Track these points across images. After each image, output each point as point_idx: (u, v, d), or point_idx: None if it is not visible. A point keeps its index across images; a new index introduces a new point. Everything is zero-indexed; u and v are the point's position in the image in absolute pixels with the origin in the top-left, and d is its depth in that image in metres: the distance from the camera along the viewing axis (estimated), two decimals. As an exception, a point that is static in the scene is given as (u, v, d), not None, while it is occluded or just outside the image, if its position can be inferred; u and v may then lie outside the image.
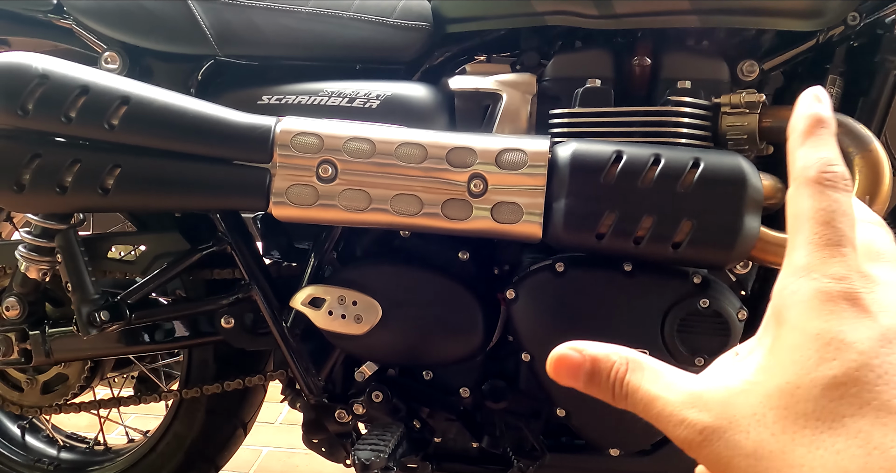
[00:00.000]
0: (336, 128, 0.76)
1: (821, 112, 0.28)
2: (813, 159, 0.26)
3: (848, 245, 0.25)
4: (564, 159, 0.72)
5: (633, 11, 0.79)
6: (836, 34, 0.81)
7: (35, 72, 0.75)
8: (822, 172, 0.26)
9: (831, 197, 0.26)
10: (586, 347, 0.27)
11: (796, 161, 0.27)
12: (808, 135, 0.27)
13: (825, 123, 0.27)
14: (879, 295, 0.24)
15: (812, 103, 0.28)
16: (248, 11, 0.89)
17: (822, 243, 0.25)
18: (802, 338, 0.24)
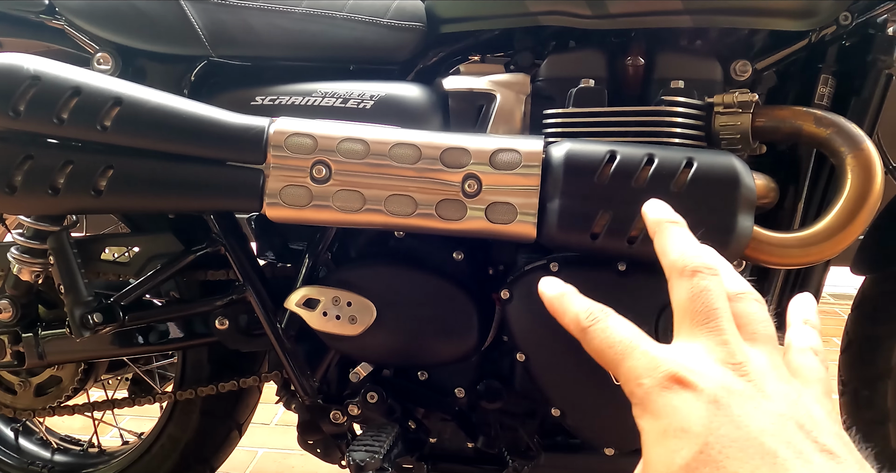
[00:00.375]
0: (330, 128, 0.76)
1: (555, 289, 0.36)
2: (573, 316, 0.34)
3: (638, 344, 0.30)
4: (558, 159, 0.72)
5: (627, 11, 0.79)
6: (828, 34, 0.81)
7: (27, 73, 0.74)
8: (584, 320, 0.33)
9: (600, 328, 0.32)
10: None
11: (568, 327, 0.34)
12: (558, 306, 0.35)
13: (563, 293, 0.35)
14: (690, 365, 0.28)
15: (657, 209, 0.36)
16: (242, 12, 0.89)
17: (622, 359, 0.31)
18: (655, 437, 0.28)
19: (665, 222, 0.35)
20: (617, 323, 0.32)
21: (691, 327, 0.31)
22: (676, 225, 0.35)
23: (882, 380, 0.95)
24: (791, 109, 0.77)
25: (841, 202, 0.72)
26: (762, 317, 0.32)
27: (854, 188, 0.72)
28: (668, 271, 0.33)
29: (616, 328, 0.32)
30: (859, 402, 0.98)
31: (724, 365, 0.29)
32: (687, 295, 0.31)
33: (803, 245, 0.72)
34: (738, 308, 0.32)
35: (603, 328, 0.32)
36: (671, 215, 0.36)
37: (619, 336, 0.31)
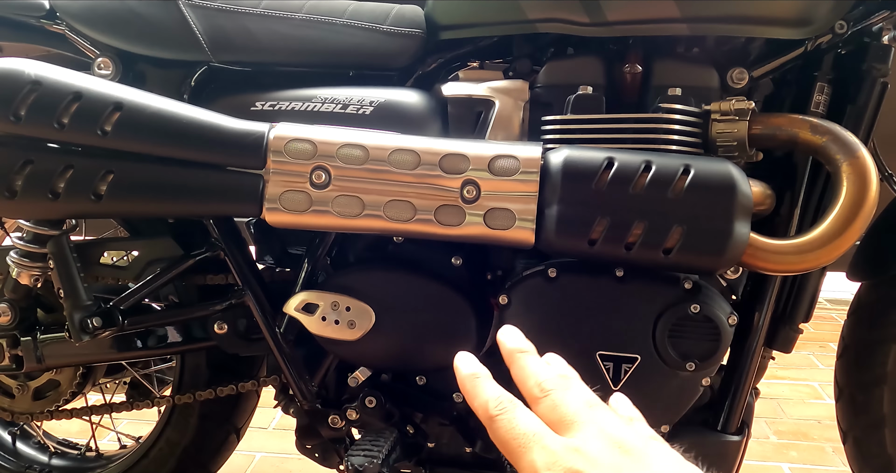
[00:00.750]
0: (329, 134, 0.76)
1: (471, 368, 0.39)
2: (482, 403, 0.37)
3: (539, 437, 0.33)
4: (556, 166, 0.72)
5: (625, 19, 0.80)
6: (824, 42, 0.82)
7: (27, 78, 0.75)
8: (494, 407, 0.36)
9: (509, 418, 0.35)
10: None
11: (477, 412, 0.37)
12: (472, 388, 0.38)
13: (478, 375, 0.39)
14: (583, 456, 0.32)
15: (462, 363, 0.40)
16: (242, 17, 0.89)
17: (524, 451, 0.33)
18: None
19: (516, 352, 0.41)
20: (522, 415, 0.35)
21: (567, 429, 0.35)
22: (528, 354, 0.40)
23: (878, 385, 0.95)
24: (787, 117, 0.78)
25: (837, 209, 0.73)
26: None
27: (849, 196, 0.72)
28: (529, 399, 0.38)
29: (521, 420, 0.35)
30: (855, 407, 0.98)
31: (611, 447, 0.33)
32: (549, 409, 0.36)
33: (799, 252, 0.73)
34: (596, 410, 0.37)
35: (509, 418, 0.35)
36: (522, 343, 0.41)
37: (523, 429, 0.34)
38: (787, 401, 1.80)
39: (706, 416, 0.89)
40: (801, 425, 1.68)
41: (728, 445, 0.87)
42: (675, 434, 0.84)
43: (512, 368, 0.40)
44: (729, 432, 0.88)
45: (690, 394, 0.80)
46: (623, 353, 0.77)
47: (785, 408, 1.76)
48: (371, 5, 0.92)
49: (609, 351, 0.77)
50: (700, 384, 0.80)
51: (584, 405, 0.36)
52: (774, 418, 1.71)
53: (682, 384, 0.79)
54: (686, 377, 0.78)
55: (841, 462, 1.47)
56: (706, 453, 0.86)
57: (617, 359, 0.77)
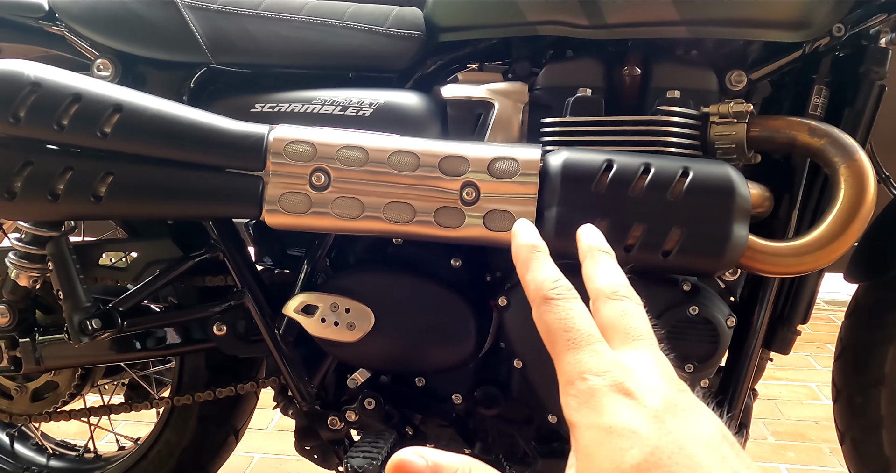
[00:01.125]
0: (329, 136, 0.76)
1: (532, 240, 0.35)
2: (540, 280, 0.32)
3: (595, 341, 0.30)
4: (556, 168, 0.73)
5: (624, 22, 0.80)
6: (821, 45, 0.82)
7: (27, 79, 0.75)
8: (552, 289, 0.32)
9: (565, 307, 0.31)
10: (429, 454, 0.29)
11: (528, 286, 0.33)
12: (528, 261, 0.34)
13: (538, 248, 0.34)
14: (637, 378, 0.29)
15: (522, 233, 0.36)
16: (241, 19, 0.90)
17: (573, 348, 0.29)
18: (599, 435, 0.27)
19: (598, 249, 0.37)
20: (582, 311, 0.31)
21: (625, 341, 0.31)
22: (610, 256, 0.36)
23: (875, 387, 0.95)
24: (785, 120, 0.78)
25: (834, 212, 0.73)
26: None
27: (847, 198, 0.73)
28: (595, 295, 0.34)
29: (579, 315, 0.31)
30: (853, 409, 0.99)
31: (666, 381, 0.29)
32: (617, 314, 0.32)
33: (797, 254, 0.73)
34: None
35: (567, 307, 0.31)
36: (605, 245, 0.37)
37: (580, 325, 0.31)
38: (784, 402, 1.80)
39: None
40: (799, 426, 1.68)
41: (726, 446, 0.87)
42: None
43: (587, 262, 0.36)
44: (727, 433, 0.88)
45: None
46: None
47: (783, 409, 1.76)
48: (371, 7, 0.92)
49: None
50: (699, 386, 0.80)
51: (650, 328, 0.32)
52: (772, 419, 1.71)
53: (681, 385, 0.79)
54: (685, 379, 0.78)
55: (838, 462, 1.47)
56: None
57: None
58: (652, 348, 0.31)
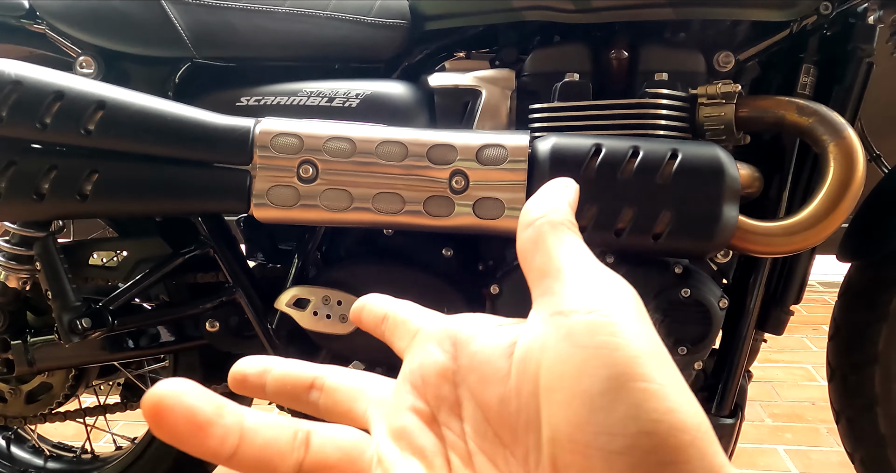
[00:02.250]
0: (316, 128, 0.75)
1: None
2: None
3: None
4: (544, 154, 0.72)
5: (609, 5, 0.80)
6: (809, 23, 0.82)
7: (8, 78, 0.74)
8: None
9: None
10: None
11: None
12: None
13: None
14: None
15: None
16: (224, 12, 0.89)
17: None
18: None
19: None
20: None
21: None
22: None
23: (869, 366, 0.96)
24: (774, 99, 0.78)
25: (824, 191, 0.73)
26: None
27: (836, 176, 0.73)
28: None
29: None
30: (848, 388, 0.99)
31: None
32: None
33: (788, 233, 0.73)
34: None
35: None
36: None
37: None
38: (781, 384, 1.81)
39: (699, 399, 0.89)
40: (796, 407, 1.69)
41: (722, 428, 0.87)
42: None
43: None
44: (722, 415, 0.88)
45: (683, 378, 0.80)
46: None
47: (779, 391, 1.77)
48: (355, -3, 0.92)
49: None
50: (693, 368, 0.80)
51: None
52: (769, 401, 1.72)
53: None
54: (678, 362, 0.78)
55: (835, 442, 1.48)
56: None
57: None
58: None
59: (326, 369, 0.30)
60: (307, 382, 0.30)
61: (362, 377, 0.30)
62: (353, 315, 0.34)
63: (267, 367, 0.30)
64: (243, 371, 0.30)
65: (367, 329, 0.33)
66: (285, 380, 0.30)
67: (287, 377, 0.30)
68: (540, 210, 0.27)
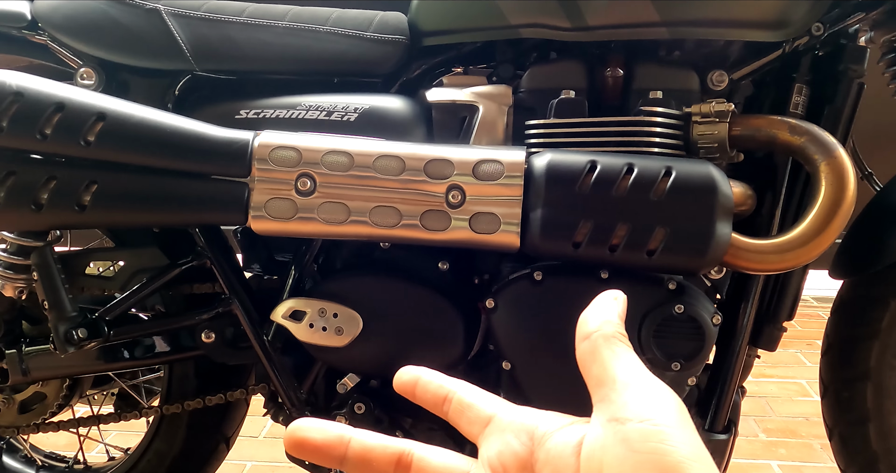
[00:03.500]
0: (314, 141, 0.76)
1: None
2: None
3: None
4: (540, 170, 0.73)
5: (605, 24, 0.81)
6: (801, 44, 0.83)
7: (9, 89, 0.74)
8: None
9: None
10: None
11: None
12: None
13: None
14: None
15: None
16: (225, 26, 0.90)
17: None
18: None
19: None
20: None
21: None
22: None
23: (861, 382, 0.96)
24: (766, 118, 0.79)
25: (816, 209, 0.74)
26: None
27: (828, 195, 0.73)
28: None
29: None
30: (840, 404, 0.99)
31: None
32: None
33: (780, 251, 0.74)
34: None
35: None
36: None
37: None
38: (775, 399, 1.81)
39: (693, 415, 0.90)
40: (790, 422, 1.69)
41: (715, 444, 0.88)
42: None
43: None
44: (716, 431, 0.88)
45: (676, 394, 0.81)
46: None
47: (773, 406, 1.77)
48: (354, 12, 0.93)
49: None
50: (686, 384, 0.80)
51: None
52: (763, 416, 1.72)
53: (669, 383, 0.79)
54: (672, 377, 0.79)
55: (829, 458, 1.48)
56: (694, 452, 0.87)
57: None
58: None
59: (411, 445, 0.32)
60: (392, 457, 0.31)
61: (447, 457, 0.32)
62: (401, 386, 0.35)
63: (343, 435, 0.31)
64: (316, 438, 0.31)
65: (423, 404, 0.35)
66: (368, 454, 0.31)
67: (370, 452, 0.31)
68: (594, 324, 0.32)
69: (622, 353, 0.30)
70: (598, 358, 0.30)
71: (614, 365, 0.30)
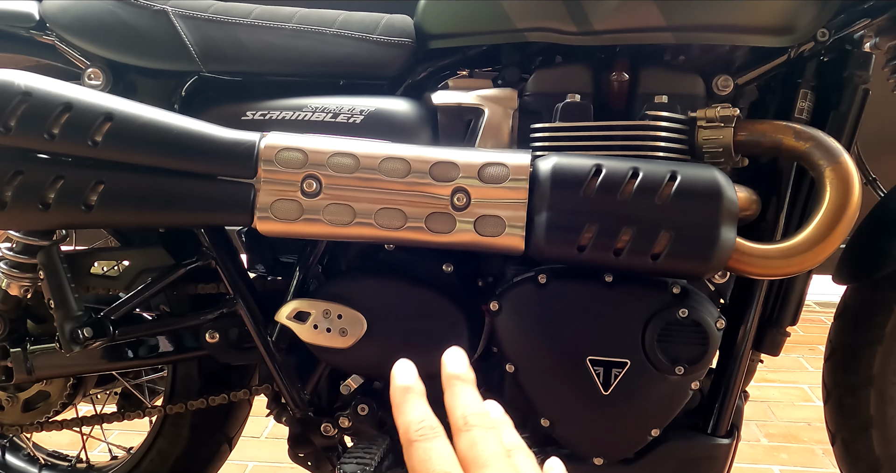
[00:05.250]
0: (320, 143, 0.76)
1: (405, 381, 0.38)
2: (406, 423, 0.36)
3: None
4: (545, 173, 0.73)
5: (611, 28, 0.81)
6: (806, 50, 0.84)
7: (17, 89, 0.75)
8: (415, 431, 0.35)
9: (426, 447, 0.34)
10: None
11: (399, 429, 0.36)
12: (400, 403, 0.37)
13: (412, 389, 0.37)
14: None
15: (398, 375, 0.39)
16: (232, 28, 0.90)
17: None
18: None
19: (454, 378, 0.39)
20: (439, 448, 0.34)
21: (475, 469, 0.34)
22: (464, 383, 0.39)
23: (864, 387, 0.96)
24: (771, 124, 0.79)
25: (820, 214, 0.74)
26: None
27: (833, 200, 0.74)
28: (453, 428, 0.37)
29: (436, 453, 0.34)
30: (843, 409, 0.99)
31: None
32: (468, 444, 0.35)
33: (784, 256, 0.74)
34: (516, 458, 0.37)
35: (426, 448, 0.34)
36: (463, 371, 0.40)
37: (436, 463, 0.34)
38: (777, 404, 1.81)
39: (696, 419, 0.90)
40: (792, 427, 1.69)
41: (718, 448, 0.88)
42: (665, 437, 0.84)
43: (446, 393, 0.39)
44: (719, 435, 0.88)
45: (680, 398, 0.81)
46: (613, 358, 0.78)
47: (775, 411, 1.77)
48: (361, 15, 0.93)
49: (599, 356, 0.78)
50: (689, 388, 0.80)
51: (502, 451, 0.35)
52: (765, 421, 1.72)
53: (672, 388, 0.80)
54: (675, 381, 0.79)
55: (831, 463, 1.48)
56: (696, 456, 0.87)
57: (607, 364, 0.78)
58: (498, 470, 0.34)
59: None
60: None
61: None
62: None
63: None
64: None
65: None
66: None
67: None
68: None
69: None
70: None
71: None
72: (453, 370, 0.40)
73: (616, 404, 0.79)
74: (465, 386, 0.39)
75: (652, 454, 0.85)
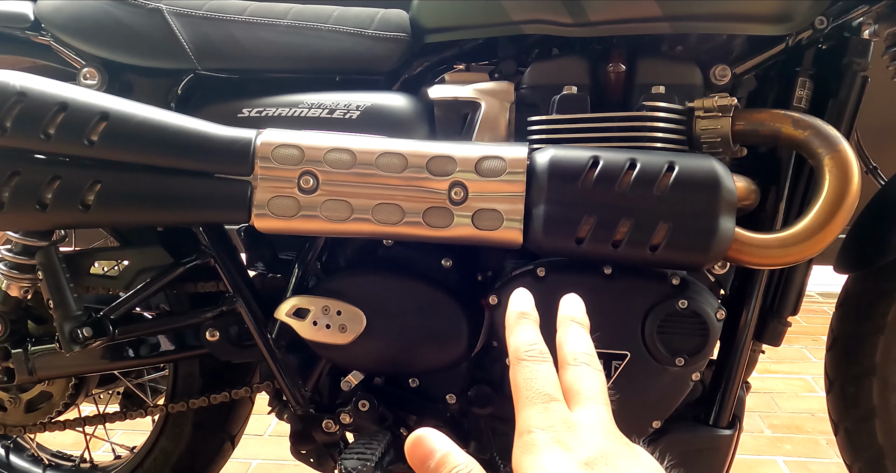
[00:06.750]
0: (316, 139, 0.76)
1: (522, 307, 0.40)
2: (518, 343, 0.37)
3: (549, 400, 0.34)
4: (542, 166, 0.73)
5: (607, 19, 0.81)
6: (804, 38, 0.83)
7: (12, 89, 0.75)
8: (525, 351, 0.37)
9: (533, 368, 0.36)
10: (444, 441, 0.33)
11: (509, 348, 0.38)
12: (513, 326, 0.39)
13: (527, 315, 0.39)
14: (577, 433, 0.33)
15: (515, 301, 0.41)
16: (227, 25, 0.90)
17: (528, 405, 0.34)
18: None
19: (570, 318, 0.41)
20: (546, 372, 0.36)
21: (577, 402, 0.36)
22: (580, 325, 0.41)
23: (867, 377, 0.96)
24: (770, 112, 0.79)
25: (819, 203, 0.74)
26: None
27: (832, 189, 0.73)
28: (561, 361, 0.38)
29: (542, 376, 0.35)
30: (846, 399, 0.99)
31: (604, 434, 0.34)
32: (575, 378, 0.37)
33: (784, 246, 0.74)
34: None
35: (533, 368, 0.36)
36: (579, 315, 0.42)
37: (540, 385, 0.35)
38: (780, 395, 1.81)
39: (697, 411, 0.89)
40: (795, 418, 1.69)
41: (720, 439, 0.87)
42: (667, 429, 0.84)
43: (559, 331, 0.41)
44: (721, 426, 0.88)
45: (681, 389, 0.81)
46: (613, 350, 0.78)
47: (778, 402, 1.77)
48: (356, 10, 0.93)
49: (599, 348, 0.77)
50: (690, 379, 0.80)
51: (603, 391, 0.37)
52: (768, 412, 1.72)
53: (673, 379, 0.79)
54: (676, 373, 0.79)
55: (835, 453, 1.48)
56: (698, 447, 0.87)
57: (607, 356, 0.78)
58: (599, 407, 0.36)
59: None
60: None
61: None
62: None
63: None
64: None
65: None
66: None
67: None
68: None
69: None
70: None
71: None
72: (570, 312, 0.42)
73: (616, 396, 0.78)
74: (579, 328, 0.40)
75: (653, 446, 0.85)
